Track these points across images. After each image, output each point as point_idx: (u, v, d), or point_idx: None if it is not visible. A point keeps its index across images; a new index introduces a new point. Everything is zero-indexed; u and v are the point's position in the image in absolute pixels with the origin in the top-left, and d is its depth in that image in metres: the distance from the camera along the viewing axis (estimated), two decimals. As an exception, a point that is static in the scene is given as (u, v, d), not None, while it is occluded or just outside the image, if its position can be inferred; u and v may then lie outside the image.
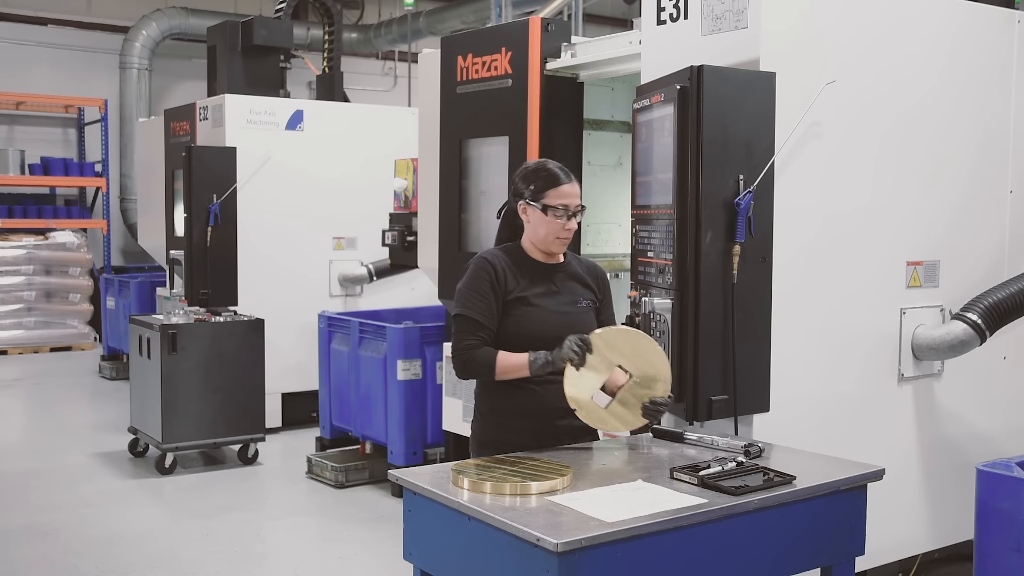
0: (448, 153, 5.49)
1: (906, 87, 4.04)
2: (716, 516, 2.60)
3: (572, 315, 3.25)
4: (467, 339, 3.16)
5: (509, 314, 3.18)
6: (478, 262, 3.24)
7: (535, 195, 3.20)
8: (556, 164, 3.28)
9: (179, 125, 8.77)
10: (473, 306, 3.17)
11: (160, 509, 6.20)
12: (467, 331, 3.17)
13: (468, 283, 3.21)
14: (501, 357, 3.13)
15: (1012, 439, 4.34)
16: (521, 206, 3.24)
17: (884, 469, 2.97)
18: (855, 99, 3.85)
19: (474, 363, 3.16)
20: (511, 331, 3.17)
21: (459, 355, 3.18)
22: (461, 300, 3.21)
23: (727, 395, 3.38)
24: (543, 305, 3.21)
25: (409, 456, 6.29)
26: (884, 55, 3.95)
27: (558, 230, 3.20)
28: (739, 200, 3.43)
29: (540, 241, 3.24)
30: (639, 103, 3.71)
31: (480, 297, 3.17)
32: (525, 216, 3.25)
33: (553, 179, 3.20)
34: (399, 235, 6.73)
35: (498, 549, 2.50)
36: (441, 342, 6.12)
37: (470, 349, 3.16)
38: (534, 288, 3.23)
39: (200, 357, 6.83)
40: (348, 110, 8.95)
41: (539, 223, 3.21)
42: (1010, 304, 4.03)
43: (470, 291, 3.20)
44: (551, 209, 3.18)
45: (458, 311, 3.21)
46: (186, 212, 7.58)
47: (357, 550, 5.41)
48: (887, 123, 3.98)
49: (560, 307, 3.24)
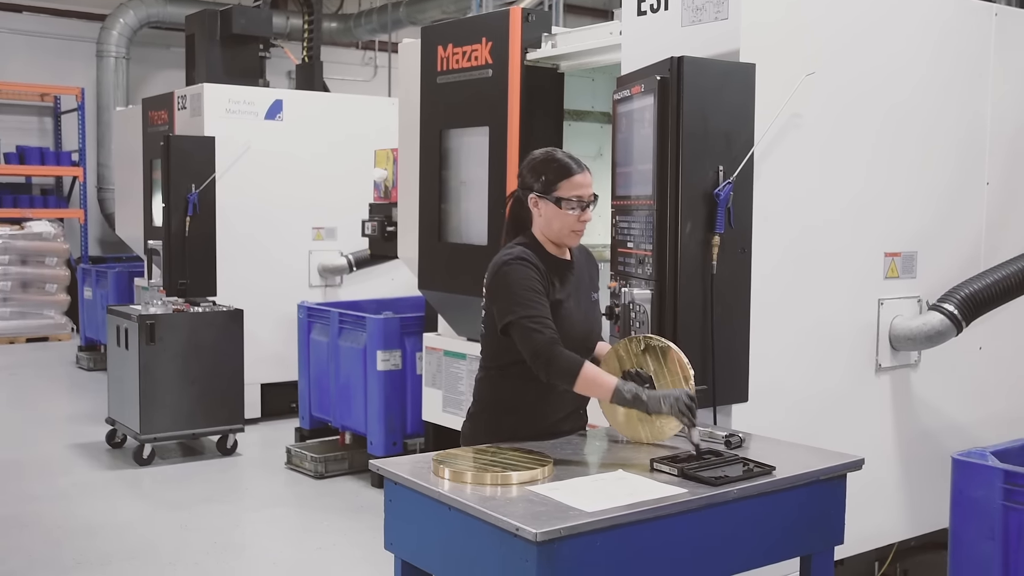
0: (428, 143, 5.47)
1: (887, 81, 4.05)
2: (696, 506, 2.61)
3: (591, 311, 3.22)
4: (544, 332, 2.93)
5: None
6: (521, 264, 3.02)
7: (547, 187, 3.07)
8: (565, 153, 3.16)
9: (157, 114, 8.72)
10: (537, 305, 2.96)
11: (138, 500, 6.17)
12: (540, 328, 2.94)
13: (522, 283, 2.98)
14: (589, 370, 2.93)
15: (987, 428, 4.38)
16: (532, 199, 3.11)
17: (863, 459, 3.00)
18: (836, 92, 3.86)
19: (562, 363, 2.92)
20: None
21: (546, 351, 2.92)
22: (520, 302, 2.96)
23: (706, 385, 3.39)
24: (570, 307, 3.12)
25: (389, 446, 6.29)
26: (866, 49, 3.97)
27: (572, 223, 3.09)
28: (719, 191, 3.43)
29: (554, 235, 3.12)
30: (619, 94, 3.71)
31: (539, 296, 2.98)
32: (536, 210, 3.12)
33: (565, 170, 3.09)
34: (379, 225, 6.72)
35: (478, 539, 2.50)
36: (421, 332, 6.12)
37: (556, 344, 2.93)
38: (564, 289, 3.12)
39: (178, 348, 6.81)
40: (328, 100, 8.93)
41: (552, 217, 3.09)
42: (986, 295, 4.06)
43: (527, 291, 2.97)
44: (565, 201, 3.06)
45: (522, 313, 2.95)
46: (164, 202, 7.54)
47: (337, 540, 5.41)
48: (867, 116, 4.00)
49: (582, 305, 3.18)
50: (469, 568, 2.57)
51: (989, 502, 2.61)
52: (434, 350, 5.71)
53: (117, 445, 7.23)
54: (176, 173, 7.45)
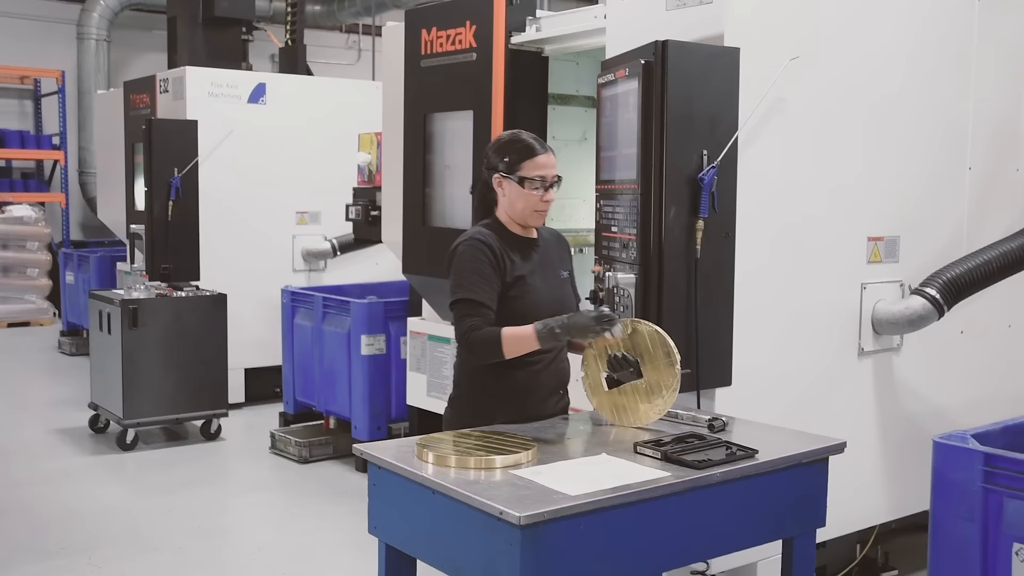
0: (412, 127, 5.46)
1: (871, 66, 4.06)
2: (679, 489, 2.63)
3: (559, 289, 3.25)
4: (470, 320, 3.04)
5: (508, 296, 3.10)
6: (474, 244, 3.11)
7: (510, 167, 3.13)
8: (530, 135, 3.21)
9: (139, 97, 8.66)
10: (476, 289, 3.06)
11: (122, 485, 6.16)
12: (470, 313, 3.05)
13: (467, 266, 3.08)
14: (507, 332, 3.01)
15: (968, 412, 4.41)
16: (496, 179, 3.17)
17: (845, 442, 3.02)
18: (820, 77, 3.87)
19: (481, 344, 3.03)
20: (509, 312, 3.09)
21: (464, 339, 3.06)
22: (461, 283, 3.08)
23: (689, 369, 3.40)
24: (536, 283, 3.17)
25: (373, 431, 6.30)
26: (850, 35, 3.97)
27: (535, 203, 3.15)
28: (703, 175, 3.44)
29: (518, 215, 3.18)
30: (604, 78, 3.71)
31: (482, 279, 3.07)
32: (501, 189, 3.17)
33: (528, 150, 3.14)
34: (363, 210, 6.70)
35: (462, 523, 2.51)
36: (405, 317, 6.11)
37: (473, 330, 3.04)
38: (526, 265, 3.17)
39: (162, 332, 6.79)
40: (311, 83, 8.88)
41: (516, 196, 3.15)
42: (967, 279, 4.09)
43: (471, 273, 3.07)
44: (528, 181, 3.12)
45: (460, 296, 3.07)
46: (147, 186, 7.51)
47: (321, 525, 5.42)
48: (852, 101, 4.01)
49: (549, 282, 3.22)
50: (453, 552, 2.58)
51: (969, 484, 2.63)
52: (418, 334, 5.71)
53: (100, 430, 7.21)
54: (158, 157, 7.42)
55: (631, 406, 3.14)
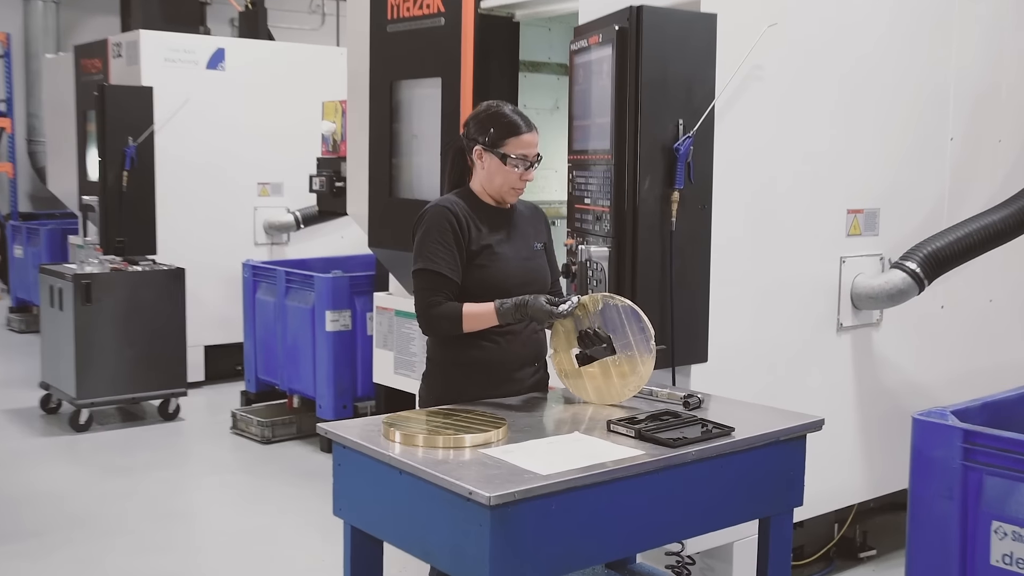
0: (378, 95, 5.42)
1: (850, 33, 4.07)
2: (653, 468, 2.64)
3: (531, 259, 3.27)
4: (431, 296, 3.10)
5: (474, 264, 3.14)
6: (438, 211, 3.15)
7: (493, 142, 3.15)
8: (514, 109, 3.23)
9: (91, 62, 8.56)
10: (438, 259, 3.10)
11: (75, 468, 6.12)
12: (431, 288, 3.11)
13: (429, 234, 3.13)
14: (468, 309, 3.08)
15: (948, 388, 4.46)
16: (477, 151, 3.19)
17: (823, 419, 3.05)
18: (798, 44, 3.88)
19: (440, 320, 3.10)
20: (476, 281, 3.13)
21: (423, 314, 3.12)
22: (423, 253, 3.12)
23: (663, 345, 3.42)
24: (505, 252, 3.19)
25: (338, 410, 6.30)
26: (829, 1, 3.99)
27: (514, 180, 3.18)
28: (678, 145, 3.44)
29: (494, 190, 3.21)
30: (576, 44, 3.70)
31: (444, 249, 3.10)
32: (480, 162, 3.20)
33: (513, 127, 3.16)
34: (327, 181, 6.67)
35: (430, 503, 2.52)
36: (371, 291, 6.10)
37: (434, 307, 3.10)
38: (495, 235, 3.20)
39: (117, 308, 6.75)
40: (273, 49, 8.80)
41: (495, 172, 3.17)
42: (948, 253, 4.12)
43: (433, 243, 3.11)
44: (510, 159, 3.14)
45: (421, 265, 3.13)
46: (100, 155, 7.45)
47: (285, 507, 5.42)
48: (830, 69, 4.02)
49: (519, 252, 3.24)
50: (421, 533, 2.59)
51: (948, 462, 2.66)
52: (385, 310, 5.69)
53: (52, 411, 7.16)
54: (112, 125, 7.36)
55: (604, 383, 3.15)
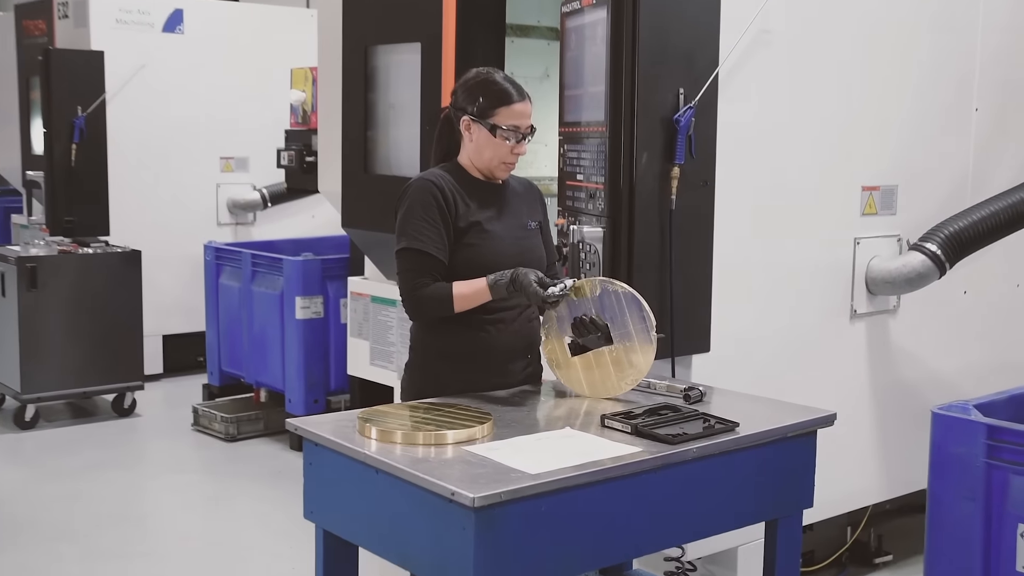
0: (352, 62, 5.40)
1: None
2: (651, 467, 2.65)
3: (525, 238, 3.27)
4: (416, 277, 3.11)
5: (462, 242, 3.14)
6: (422, 185, 3.16)
7: (483, 112, 3.15)
8: (505, 76, 3.23)
9: (33, 24, 8.51)
10: (423, 237, 3.10)
11: (19, 469, 6.11)
12: (416, 268, 3.11)
13: (413, 211, 3.13)
14: (457, 288, 3.09)
15: (971, 380, 4.49)
16: (465, 122, 3.19)
17: (835, 414, 3.06)
18: (809, 7, 3.87)
19: (428, 302, 3.11)
20: (464, 260, 3.13)
21: (409, 296, 3.13)
22: (407, 231, 3.13)
23: (663, 334, 3.43)
24: (495, 230, 3.19)
25: (309, 404, 6.30)
26: (842, -45, 3.98)
27: (505, 154, 3.17)
28: (679, 117, 3.44)
29: (484, 165, 3.21)
30: (568, 6, 3.70)
31: (429, 226, 3.11)
32: (468, 133, 3.19)
33: (504, 96, 3.15)
34: (297, 155, 6.66)
35: (409, 505, 2.52)
36: (345, 276, 6.09)
37: (420, 288, 3.11)
38: (485, 211, 3.20)
39: (65, 295, 6.74)
40: (236, 10, 8.76)
41: (485, 144, 3.17)
42: (972, 233, 4.13)
43: (418, 220, 3.11)
44: (500, 130, 3.14)
45: (405, 244, 3.13)
46: (45, 127, 7.40)
47: (251, 510, 5.42)
48: (843, 34, 4.02)
49: (512, 231, 3.24)
50: (399, 538, 2.59)
51: (971, 459, 2.68)
52: (360, 296, 5.69)
53: (-4, 406, 7.15)
54: (58, 93, 7.31)
55: (599, 375, 3.16)
